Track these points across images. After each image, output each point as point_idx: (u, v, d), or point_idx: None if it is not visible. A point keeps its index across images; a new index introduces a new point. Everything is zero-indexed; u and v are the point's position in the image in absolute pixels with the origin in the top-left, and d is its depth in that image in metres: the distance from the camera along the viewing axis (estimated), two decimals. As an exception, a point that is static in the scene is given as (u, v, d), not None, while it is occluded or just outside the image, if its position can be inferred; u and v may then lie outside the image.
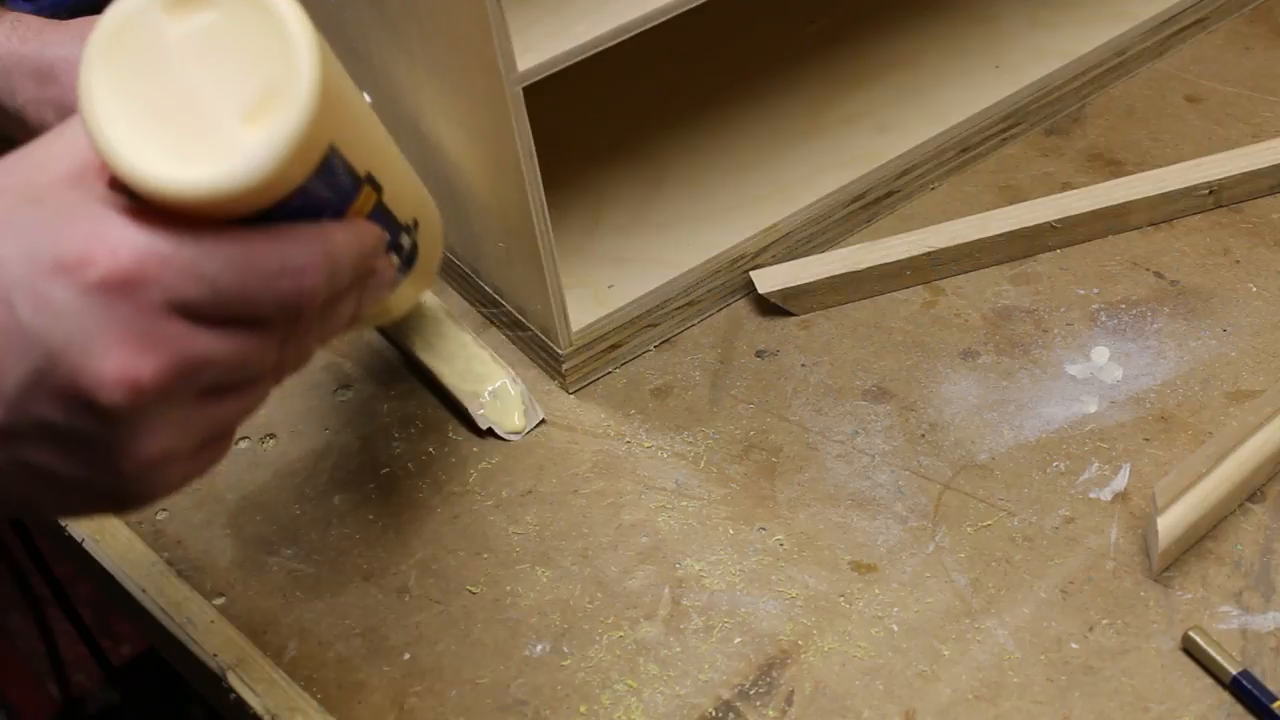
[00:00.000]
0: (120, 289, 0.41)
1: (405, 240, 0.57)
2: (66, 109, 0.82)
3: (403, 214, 0.55)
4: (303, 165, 0.43)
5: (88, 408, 0.42)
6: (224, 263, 0.43)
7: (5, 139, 0.88)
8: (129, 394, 0.41)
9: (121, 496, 0.45)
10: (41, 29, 0.84)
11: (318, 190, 0.45)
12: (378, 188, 0.50)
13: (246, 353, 0.45)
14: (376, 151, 0.50)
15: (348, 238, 0.48)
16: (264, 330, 0.45)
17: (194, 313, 0.43)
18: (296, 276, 0.44)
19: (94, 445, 0.43)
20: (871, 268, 0.76)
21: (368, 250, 0.50)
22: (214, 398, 0.45)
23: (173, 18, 0.43)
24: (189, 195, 0.41)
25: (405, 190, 0.56)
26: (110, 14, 0.43)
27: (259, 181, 0.41)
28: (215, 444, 0.47)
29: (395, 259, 0.56)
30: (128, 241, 0.41)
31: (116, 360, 0.41)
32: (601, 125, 0.86)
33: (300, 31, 0.42)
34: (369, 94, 0.74)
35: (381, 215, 0.52)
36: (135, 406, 0.42)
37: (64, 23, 0.84)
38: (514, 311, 0.75)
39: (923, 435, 0.69)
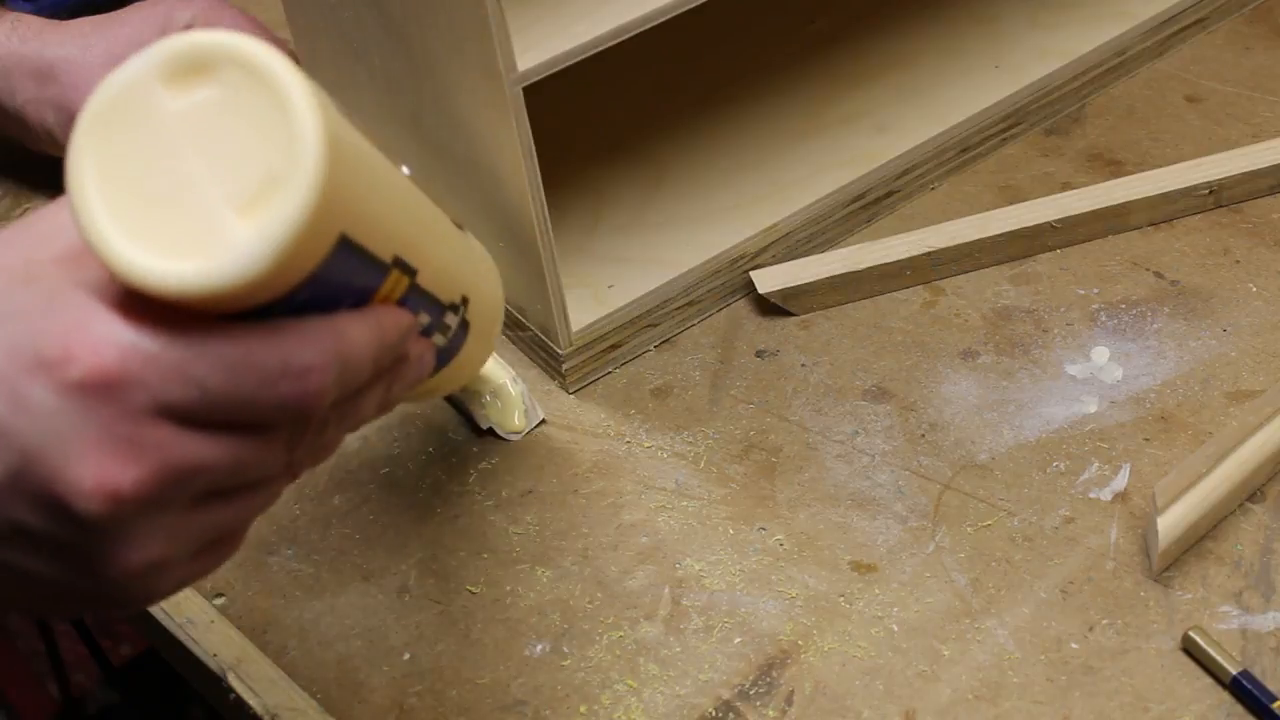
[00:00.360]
0: (100, 390, 0.38)
1: (451, 319, 0.52)
2: (66, 109, 0.83)
3: (447, 293, 0.51)
4: (304, 260, 0.39)
5: (64, 515, 0.39)
6: (216, 364, 0.39)
7: (5, 138, 0.88)
8: (107, 504, 0.38)
9: (112, 602, 0.42)
10: (41, 29, 0.84)
11: (331, 280, 0.41)
12: (410, 271, 0.46)
13: (244, 458, 0.41)
14: (410, 231, 0.46)
15: (364, 331, 0.43)
16: (266, 434, 0.42)
17: (183, 416, 0.39)
18: (300, 379, 0.41)
19: (75, 552, 0.40)
20: (871, 268, 0.76)
21: (391, 341, 0.45)
22: (213, 502, 0.42)
23: (172, 91, 0.39)
24: (175, 292, 0.38)
25: (450, 267, 0.51)
26: (106, 85, 0.40)
27: (250, 280, 0.38)
28: (220, 545, 0.44)
29: (441, 338, 0.52)
30: (111, 338, 0.38)
31: (94, 468, 0.38)
32: (601, 125, 0.86)
33: (306, 114, 0.38)
34: (353, 108, 0.73)
35: (417, 298, 0.48)
36: (115, 516, 0.39)
37: (64, 23, 0.85)
38: (514, 311, 0.75)
39: (923, 435, 0.69)
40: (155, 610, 0.66)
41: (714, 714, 0.59)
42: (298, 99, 0.39)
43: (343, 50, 0.74)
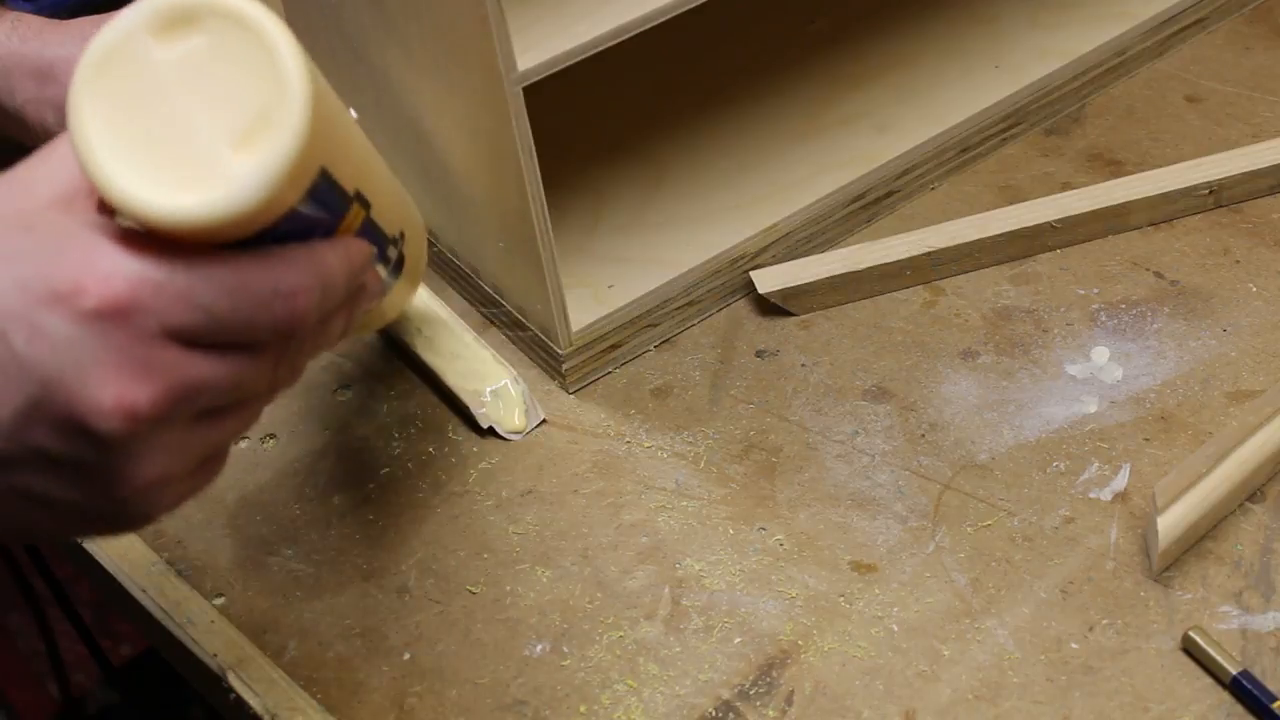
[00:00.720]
0: (114, 317, 0.41)
1: (392, 251, 0.57)
2: (66, 109, 0.83)
3: (390, 227, 0.55)
4: (293, 190, 0.43)
5: (85, 436, 0.42)
6: (217, 288, 0.43)
7: (4, 138, 0.88)
8: (125, 421, 0.42)
9: (119, 519, 0.45)
10: (41, 29, 0.84)
11: (308, 212, 0.45)
12: (366, 204, 0.50)
13: (241, 375, 0.45)
14: (364, 168, 0.50)
15: (338, 257, 0.48)
16: (258, 352, 0.45)
17: (189, 338, 0.43)
18: (290, 299, 0.45)
19: (91, 472, 0.43)
20: (871, 268, 0.76)
21: (358, 268, 0.50)
22: (209, 419, 0.45)
23: (161, 42, 0.42)
24: (180, 223, 0.41)
25: (392, 203, 0.56)
26: (99, 39, 0.43)
27: (250, 209, 0.41)
28: (211, 462, 0.47)
29: (383, 270, 0.56)
30: (120, 269, 0.41)
31: (112, 388, 0.41)
32: (601, 125, 0.86)
33: (290, 56, 0.42)
34: (355, 109, 0.74)
35: (370, 230, 0.52)
36: (132, 433, 0.42)
37: (64, 22, 0.84)
38: (514, 311, 0.75)
39: (923, 435, 0.69)
40: (155, 610, 0.66)
41: (714, 714, 0.59)
42: (282, 43, 0.42)
43: (343, 50, 0.74)
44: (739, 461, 0.69)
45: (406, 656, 0.63)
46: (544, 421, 0.72)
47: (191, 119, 0.42)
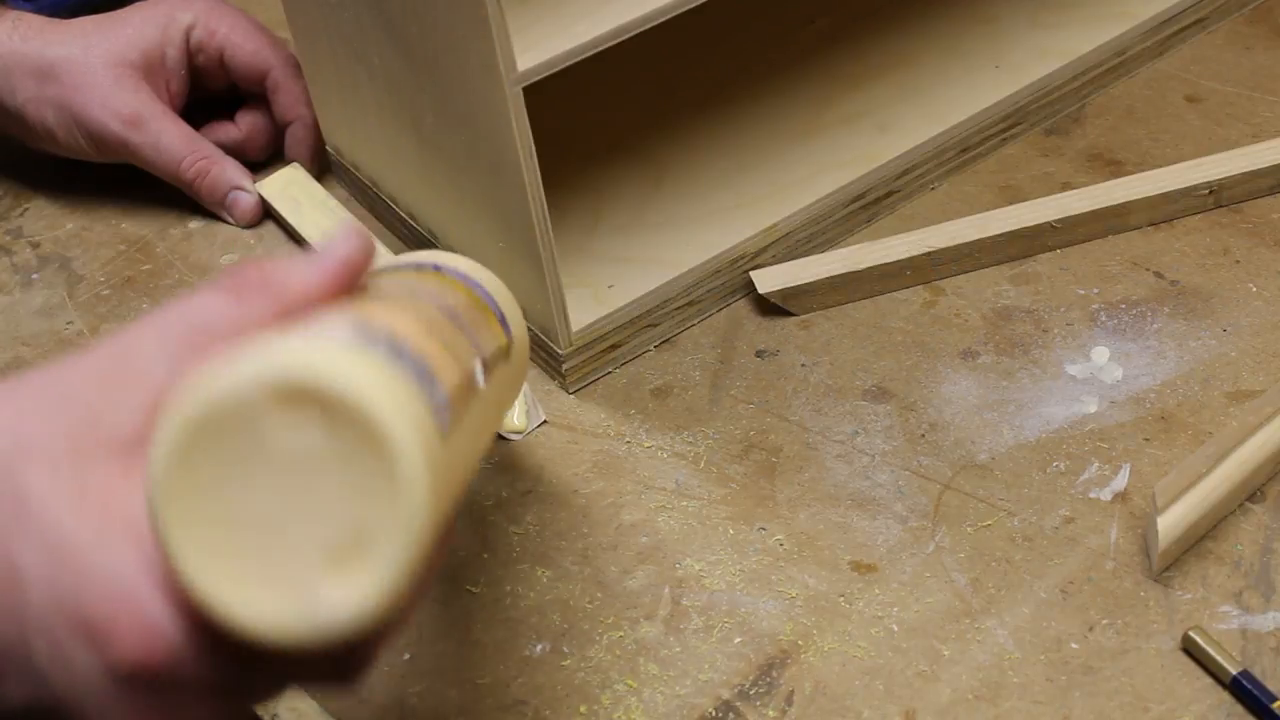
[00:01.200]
0: (144, 677, 0.37)
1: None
2: (66, 108, 0.83)
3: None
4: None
5: None
6: (269, 670, 0.39)
7: (5, 137, 0.88)
8: None
9: None
10: (43, 28, 0.84)
11: None
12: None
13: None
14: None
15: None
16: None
17: (223, 693, 0.39)
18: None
19: None
20: (871, 268, 0.76)
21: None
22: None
23: (279, 413, 0.37)
24: (247, 635, 0.37)
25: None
26: (209, 386, 0.37)
27: (330, 640, 0.37)
28: None
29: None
30: (161, 630, 0.37)
31: None
32: (601, 125, 0.86)
33: (413, 482, 0.36)
34: (364, 113, 0.72)
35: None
36: None
37: (65, 22, 0.85)
38: (514, 311, 0.75)
39: (923, 435, 0.69)
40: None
41: (714, 714, 0.59)
42: (405, 458, 0.37)
43: (343, 50, 0.74)
44: (739, 461, 0.69)
45: (406, 656, 0.63)
46: (544, 422, 0.72)
47: (290, 509, 0.37)
